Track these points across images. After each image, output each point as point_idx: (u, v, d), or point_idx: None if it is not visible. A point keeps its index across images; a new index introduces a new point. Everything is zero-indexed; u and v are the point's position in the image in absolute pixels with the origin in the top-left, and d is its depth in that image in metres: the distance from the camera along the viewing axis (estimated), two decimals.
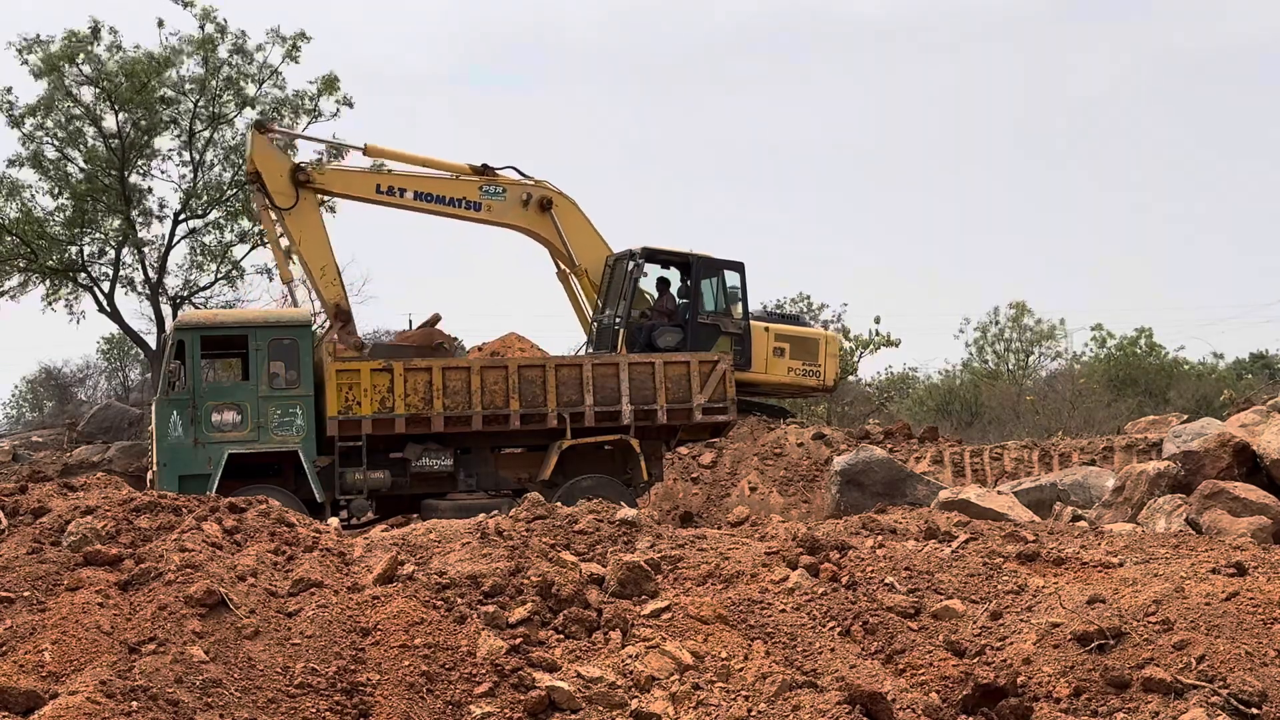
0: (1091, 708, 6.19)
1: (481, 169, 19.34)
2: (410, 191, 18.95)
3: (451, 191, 19.14)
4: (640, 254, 19.68)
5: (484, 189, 19.19)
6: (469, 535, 7.96)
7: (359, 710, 6.13)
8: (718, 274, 20.58)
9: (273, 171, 17.96)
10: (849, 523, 9.22)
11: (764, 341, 20.91)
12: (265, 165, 17.98)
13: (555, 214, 19.41)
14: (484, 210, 19.31)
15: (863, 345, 36.43)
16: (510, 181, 19.44)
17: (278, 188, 17.88)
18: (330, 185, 18.91)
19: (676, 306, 20.18)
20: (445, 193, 19.09)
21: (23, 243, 28.58)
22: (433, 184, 19.09)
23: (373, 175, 19.13)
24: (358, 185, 19.02)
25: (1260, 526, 10.01)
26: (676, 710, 6.23)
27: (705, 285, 20.43)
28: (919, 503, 14.64)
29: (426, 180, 19.12)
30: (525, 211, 19.47)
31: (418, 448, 16.23)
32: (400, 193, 18.91)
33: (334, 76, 29.97)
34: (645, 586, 7.33)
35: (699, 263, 20.34)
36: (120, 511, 7.72)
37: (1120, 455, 17.83)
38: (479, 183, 19.19)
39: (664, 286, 20.31)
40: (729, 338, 20.11)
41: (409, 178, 19.03)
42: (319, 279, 18.11)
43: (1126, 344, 37.43)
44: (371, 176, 19.09)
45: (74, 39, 28.24)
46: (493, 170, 19.38)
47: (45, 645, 6.22)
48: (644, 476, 16.91)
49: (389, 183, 18.96)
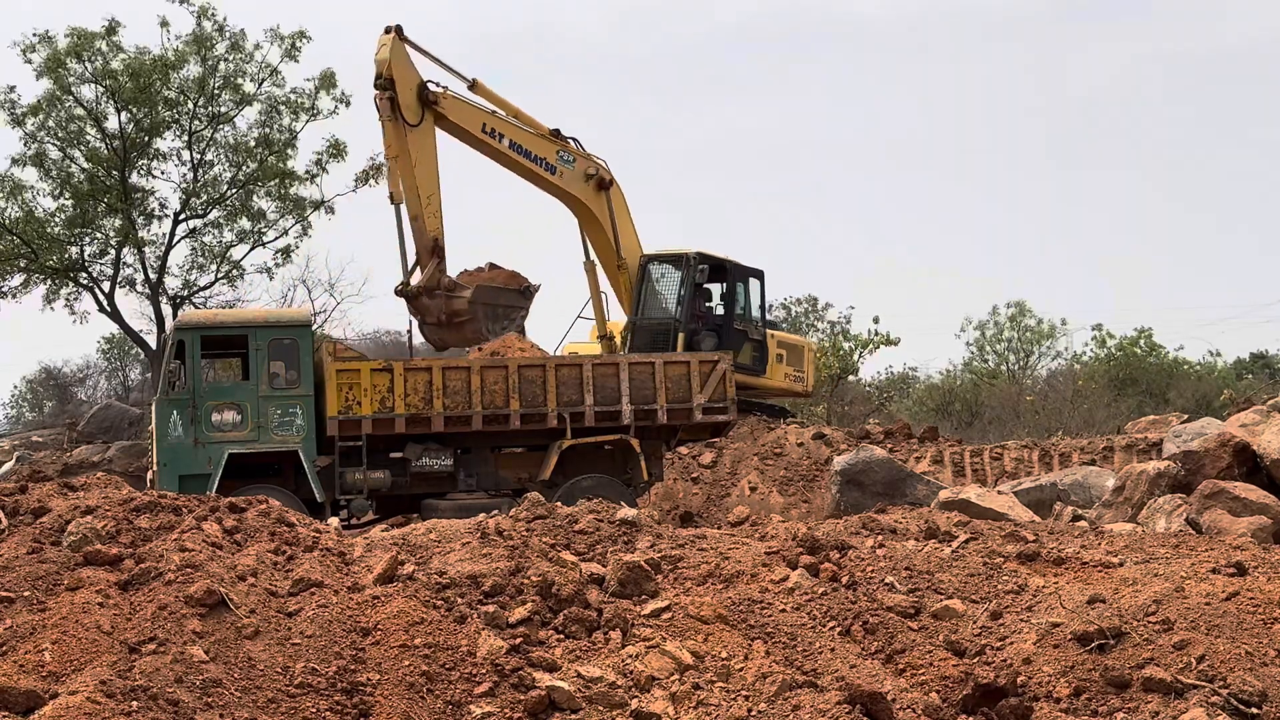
0: (1092, 708, 6.19)
1: (555, 132, 19.33)
2: (507, 139, 18.81)
3: (537, 149, 19.07)
4: (696, 258, 19.96)
5: (560, 154, 19.19)
6: (469, 535, 7.96)
7: (359, 710, 6.13)
8: (745, 280, 21.00)
9: (406, 83, 17.48)
10: (849, 523, 9.21)
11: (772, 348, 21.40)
12: (401, 75, 17.44)
13: (609, 196, 19.50)
14: (556, 175, 19.25)
15: (862, 345, 36.42)
16: (578, 151, 19.50)
17: (408, 102, 17.43)
18: (448, 112, 18.29)
19: (707, 311, 20.55)
20: (532, 149, 18.99)
21: (24, 243, 28.58)
22: (524, 137, 18.95)
23: (482, 113, 18.72)
24: (470, 119, 18.61)
25: (1260, 526, 10.00)
26: (676, 710, 6.23)
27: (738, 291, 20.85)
28: (919, 503, 14.64)
29: (520, 132, 18.98)
30: (586, 185, 19.50)
31: (418, 448, 16.23)
32: (500, 137, 18.73)
33: (332, 74, 29.99)
34: (645, 586, 7.33)
35: (735, 269, 20.71)
36: (120, 511, 7.72)
37: (1120, 455, 17.82)
38: (557, 146, 19.20)
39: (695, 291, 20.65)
40: (751, 343, 20.53)
41: (508, 124, 18.84)
42: (424, 206, 17.58)
43: (1127, 344, 37.44)
44: (480, 114, 18.69)
45: (80, 36, 28.23)
46: (564, 137, 19.40)
47: (45, 645, 6.21)
48: (644, 476, 16.92)
49: (493, 125, 18.71)
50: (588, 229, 19.99)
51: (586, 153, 19.61)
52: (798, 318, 38.83)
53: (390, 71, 17.30)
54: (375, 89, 17.59)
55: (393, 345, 34.22)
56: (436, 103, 17.74)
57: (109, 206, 29.12)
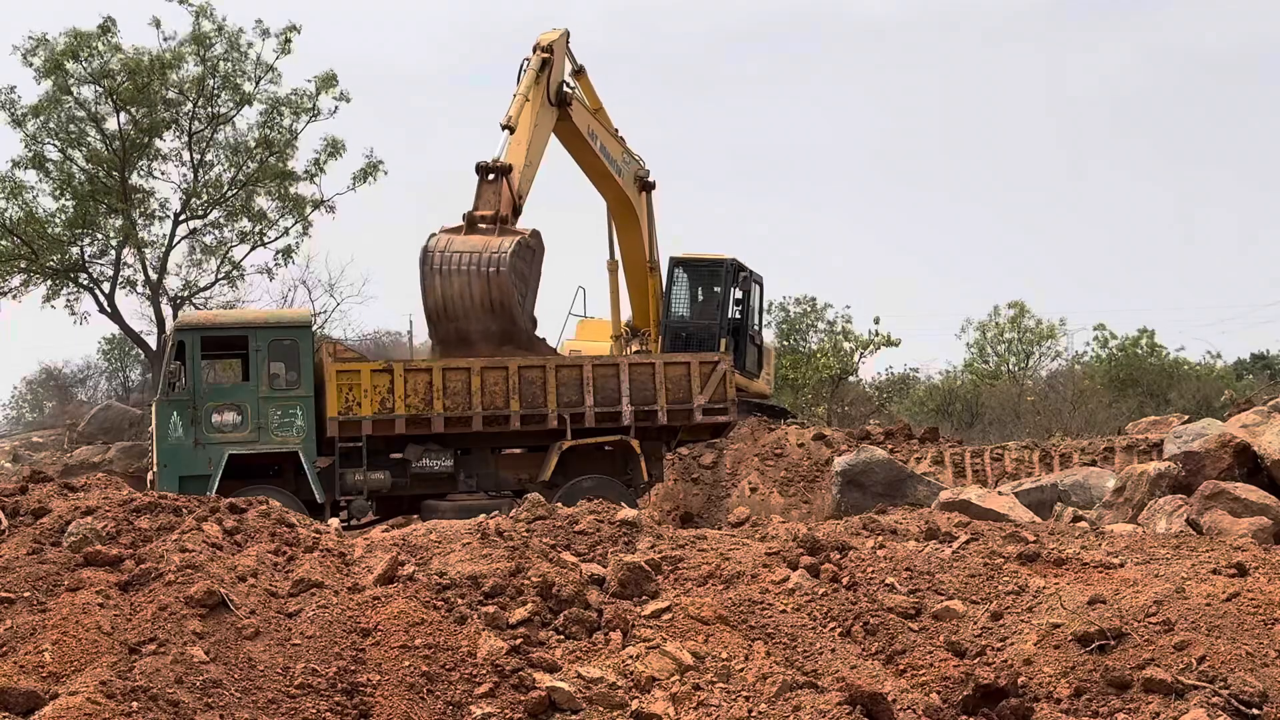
0: (1092, 708, 6.19)
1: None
2: (599, 141, 18.83)
3: (615, 152, 19.13)
4: (732, 265, 20.18)
5: (624, 154, 19.19)
6: (469, 536, 7.95)
7: (359, 711, 6.13)
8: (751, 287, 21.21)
9: (559, 68, 17.83)
10: (849, 523, 9.20)
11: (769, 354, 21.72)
12: (559, 57, 17.82)
13: (649, 197, 19.57)
14: (619, 175, 19.24)
15: (863, 345, 36.43)
16: (633, 154, 19.52)
17: (555, 81, 17.70)
18: (577, 115, 18.54)
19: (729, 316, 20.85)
20: (613, 152, 19.05)
21: (24, 243, 28.59)
22: (609, 140, 19.02)
23: (589, 116, 18.75)
24: (584, 122, 18.70)
25: (1261, 527, 10.00)
26: (677, 711, 6.23)
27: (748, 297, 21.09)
28: (919, 503, 14.63)
29: (608, 135, 19.01)
30: (633, 186, 19.56)
31: (418, 448, 16.23)
32: (595, 139, 18.75)
33: (332, 74, 29.99)
34: (646, 587, 7.32)
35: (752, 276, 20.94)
36: (120, 512, 7.71)
37: (1121, 456, 17.81)
38: (622, 147, 19.21)
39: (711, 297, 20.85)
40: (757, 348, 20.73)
41: (602, 128, 18.86)
42: (522, 170, 17.21)
43: (1128, 344, 37.44)
44: (589, 117, 18.73)
45: (77, 36, 28.24)
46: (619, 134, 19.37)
47: (45, 646, 6.21)
48: (644, 477, 16.91)
49: (594, 127, 18.73)
50: (623, 230, 19.93)
51: (634, 153, 19.66)
52: (797, 318, 38.83)
53: (549, 50, 17.69)
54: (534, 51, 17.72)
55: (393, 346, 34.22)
56: (567, 101, 17.94)
57: (109, 207, 29.13)
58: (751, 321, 21.28)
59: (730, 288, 20.41)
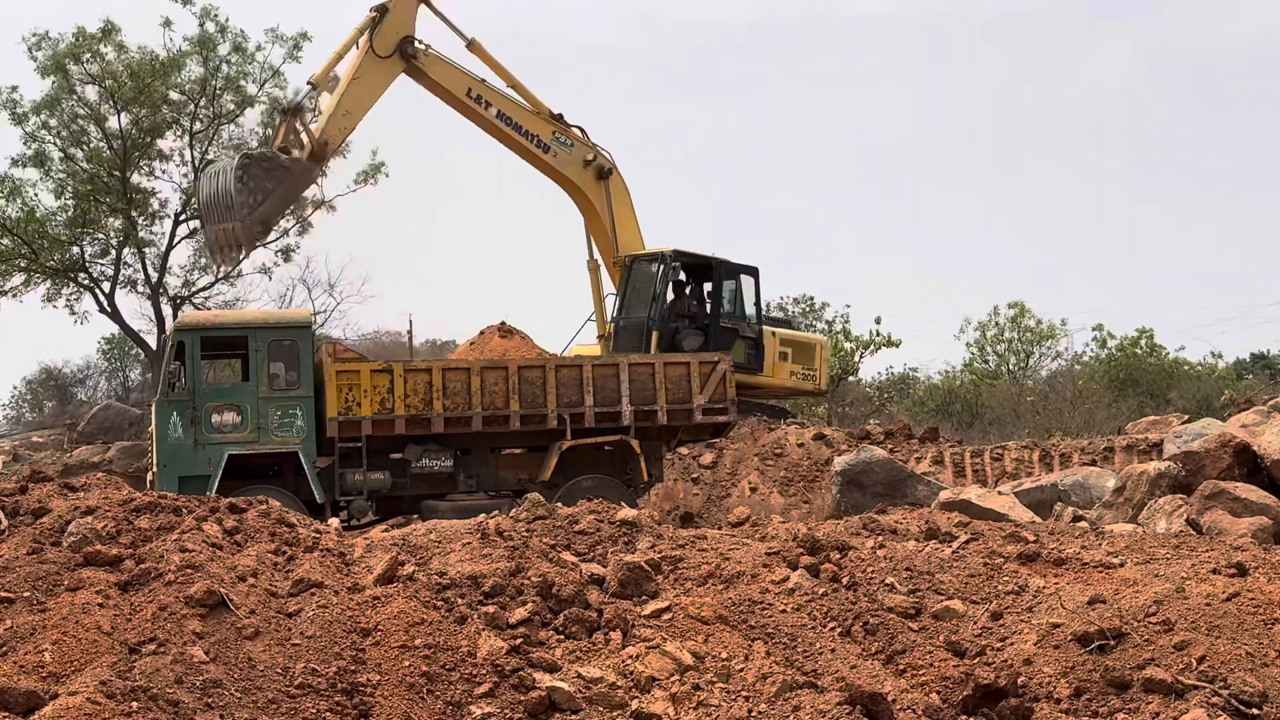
0: (1092, 708, 6.19)
1: (558, 116, 19.44)
2: (495, 109, 19.18)
3: (530, 124, 19.33)
4: (672, 256, 19.83)
5: (556, 134, 19.38)
6: (469, 536, 7.96)
7: (359, 711, 6.13)
8: (735, 278, 20.82)
9: (395, 22, 18.27)
10: (849, 523, 9.20)
11: (773, 346, 21.20)
12: (396, 11, 18.32)
13: (609, 185, 19.53)
14: (549, 154, 19.51)
15: (863, 346, 36.42)
16: (579, 138, 19.61)
17: (387, 35, 18.18)
18: (428, 68, 19.01)
19: (694, 309, 20.37)
20: (524, 123, 19.27)
21: (24, 242, 28.59)
22: (516, 110, 19.26)
23: (468, 78, 19.15)
24: (452, 80, 19.16)
25: (1261, 527, 10.00)
26: (677, 711, 6.23)
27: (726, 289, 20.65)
28: (919, 503, 14.62)
29: (511, 104, 19.30)
30: (584, 172, 19.66)
31: (418, 449, 16.22)
32: (485, 105, 19.13)
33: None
34: (646, 587, 7.32)
35: (721, 266, 20.54)
36: (120, 512, 7.71)
37: (1121, 456, 17.80)
38: (554, 127, 19.35)
39: (680, 289, 20.46)
40: (744, 341, 20.34)
41: (498, 94, 19.19)
42: (335, 113, 18.36)
43: (1127, 344, 37.44)
44: (466, 79, 19.14)
45: (83, 36, 28.27)
46: (565, 122, 19.49)
47: (45, 645, 6.21)
48: (644, 477, 16.91)
49: (479, 91, 19.10)
50: (590, 223, 20.03)
51: (590, 141, 19.66)
52: (795, 317, 38.84)
53: (391, 3, 18.23)
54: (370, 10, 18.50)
55: (393, 346, 34.22)
56: (415, 57, 18.37)
57: (110, 207, 29.13)
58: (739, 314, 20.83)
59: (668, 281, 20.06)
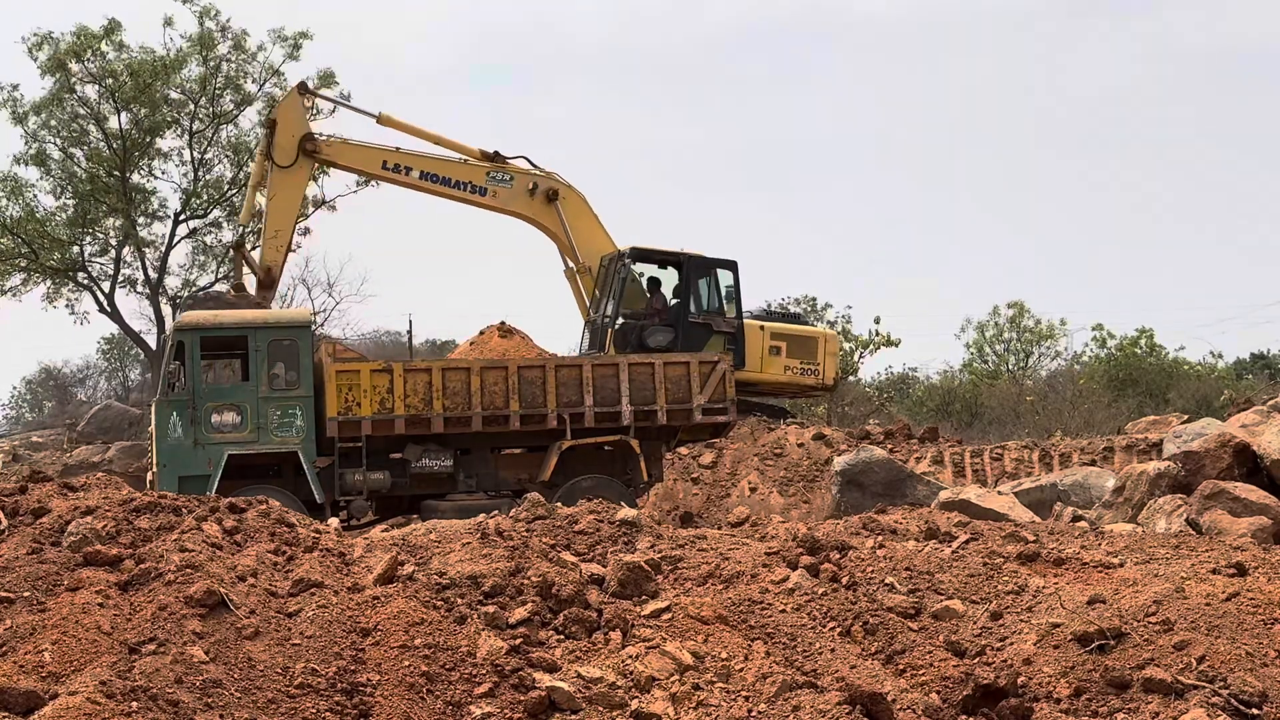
0: (1092, 708, 6.19)
1: (493, 155, 19.39)
2: (416, 171, 19.09)
3: (458, 174, 19.22)
4: (629, 254, 19.70)
5: (491, 175, 19.25)
6: (469, 536, 7.95)
7: (359, 710, 6.13)
8: (710, 273, 20.54)
9: (287, 128, 18.38)
10: (849, 523, 9.21)
11: (758, 340, 20.89)
12: (284, 119, 18.47)
13: (561, 206, 19.42)
14: (489, 196, 19.37)
15: (863, 345, 36.44)
16: (518, 170, 19.48)
17: (284, 144, 18.29)
18: (336, 157, 19.16)
19: (668, 306, 20.19)
20: (452, 175, 19.18)
21: (24, 242, 28.60)
22: (440, 165, 19.15)
23: (380, 151, 19.13)
24: (363, 160, 19.28)
25: (1260, 527, 10.01)
26: (677, 710, 6.23)
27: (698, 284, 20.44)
28: (919, 503, 14.62)
29: (434, 161, 19.19)
30: (531, 201, 19.50)
31: (418, 448, 16.22)
32: (406, 171, 19.07)
33: (330, 72, 30.05)
34: (645, 587, 7.32)
35: (690, 262, 20.35)
36: (120, 512, 7.71)
37: (1120, 455, 17.81)
38: (487, 168, 19.24)
39: (655, 286, 20.34)
40: (722, 337, 20.08)
41: (416, 157, 19.12)
42: (268, 238, 18.74)
43: (1127, 344, 37.43)
44: (378, 152, 19.11)
45: (82, 35, 28.27)
46: (503, 158, 19.43)
47: (45, 645, 6.21)
48: (644, 477, 16.90)
49: (395, 160, 19.05)
50: (556, 242, 20.00)
51: (531, 168, 19.49)
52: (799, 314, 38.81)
53: (274, 115, 18.63)
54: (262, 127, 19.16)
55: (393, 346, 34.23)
56: (317, 151, 18.57)
57: (110, 206, 29.14)
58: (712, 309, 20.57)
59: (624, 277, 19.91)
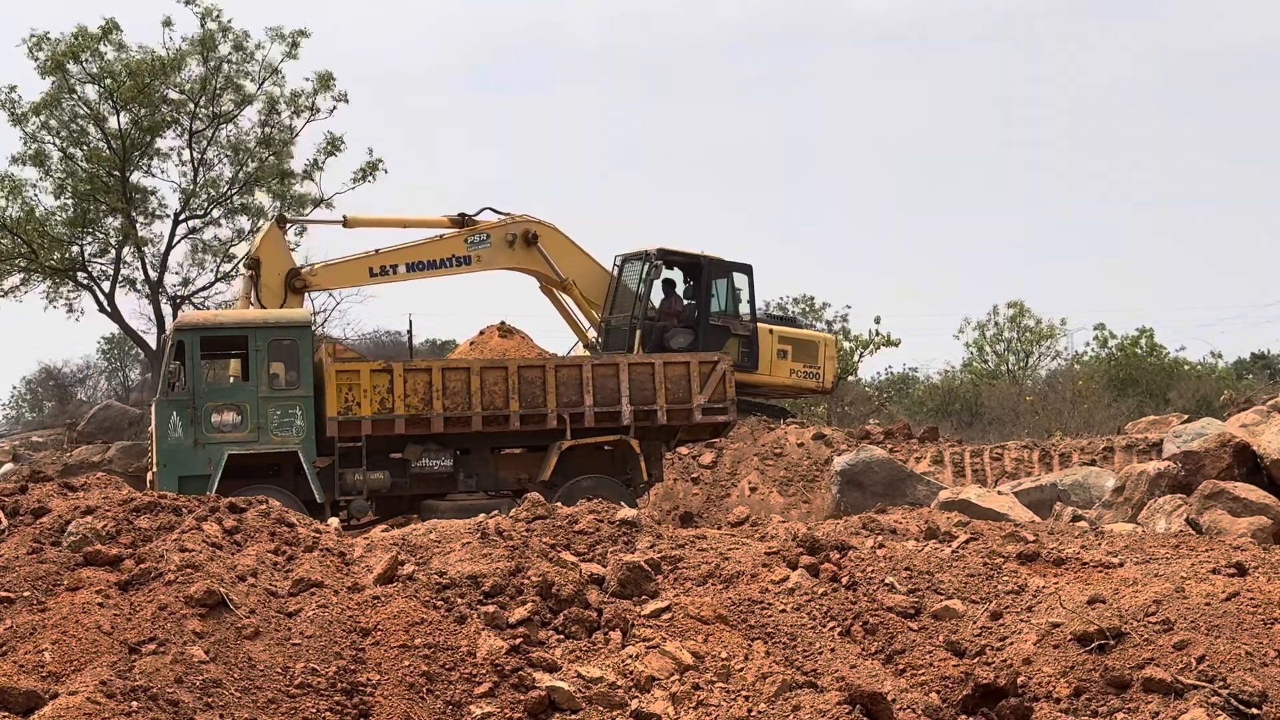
0: (1092, 708, 6.19)
1: (459, 219, 19.33)
2: (402, 265, 19.07)
3: (440, 253, 19.16)
4: (656, 255, 19.74)
5: (469, 240, 19.20)
6: (469, 535, 7.95)
7: (359, 710, 6.13)
8: (727, 276, 20.70)
9: (272, 268, 18.21)
10: (849, 523, 9.21)
11: (769, 343, 21.07)
12: (267, 258, 18.24)
13: (542, 246, 19.39)
14: (474, 261, 19.33)
15: (863, 345, 36.46)
16: (492, 226, 19.35)
17: (270, 284, 18.14)
18: (324, 284, 19.28)
19: (684, 308, 20.27)
20: (435, 256, 19.13)
21: (24, 242, 28.60)
22: (420, 251, 19.10)
23: (363, 261, 19.02)
24: (350, 276, 19.31)
25: (1260, 527, 10.01)
26: (677, 710, 6.23)
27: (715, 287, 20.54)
28: (919, 503, 14.63)
29: (414, 249, 19.13)
30: (513, 251, 19.46)
31: (418, 448, 16.22)
32: (393, 269, 19.07)
33: (329, 74, 30.06)
34: (645, 587, 7.32)
35: (710, 264, 20.43)
36: (120, 511, 7.71)
37: (1120, 455, 17.82)
38: (463, 235, 19.17)
39: (670, 288, 20.39)
40: (737, 339, 20.22)
41: (398, 252, 19.06)
42: None
43: (1127, 344, 37.44)
44: (362, 263, 19.01)
45: (83, 35, 28.28)
46: (470, 218, 19.36)
47: (45, 645, 6.21)
48: (644, 477, 16.91)
49: (380, 263, 19.00)
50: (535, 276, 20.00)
51: (501, 220, 19.41)
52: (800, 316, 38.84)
53: (258, 254, 18.33)
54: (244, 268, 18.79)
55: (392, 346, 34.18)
56: (306, 286, 18.51)
57: (109, 206, 29.14)
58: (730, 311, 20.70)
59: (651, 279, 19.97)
